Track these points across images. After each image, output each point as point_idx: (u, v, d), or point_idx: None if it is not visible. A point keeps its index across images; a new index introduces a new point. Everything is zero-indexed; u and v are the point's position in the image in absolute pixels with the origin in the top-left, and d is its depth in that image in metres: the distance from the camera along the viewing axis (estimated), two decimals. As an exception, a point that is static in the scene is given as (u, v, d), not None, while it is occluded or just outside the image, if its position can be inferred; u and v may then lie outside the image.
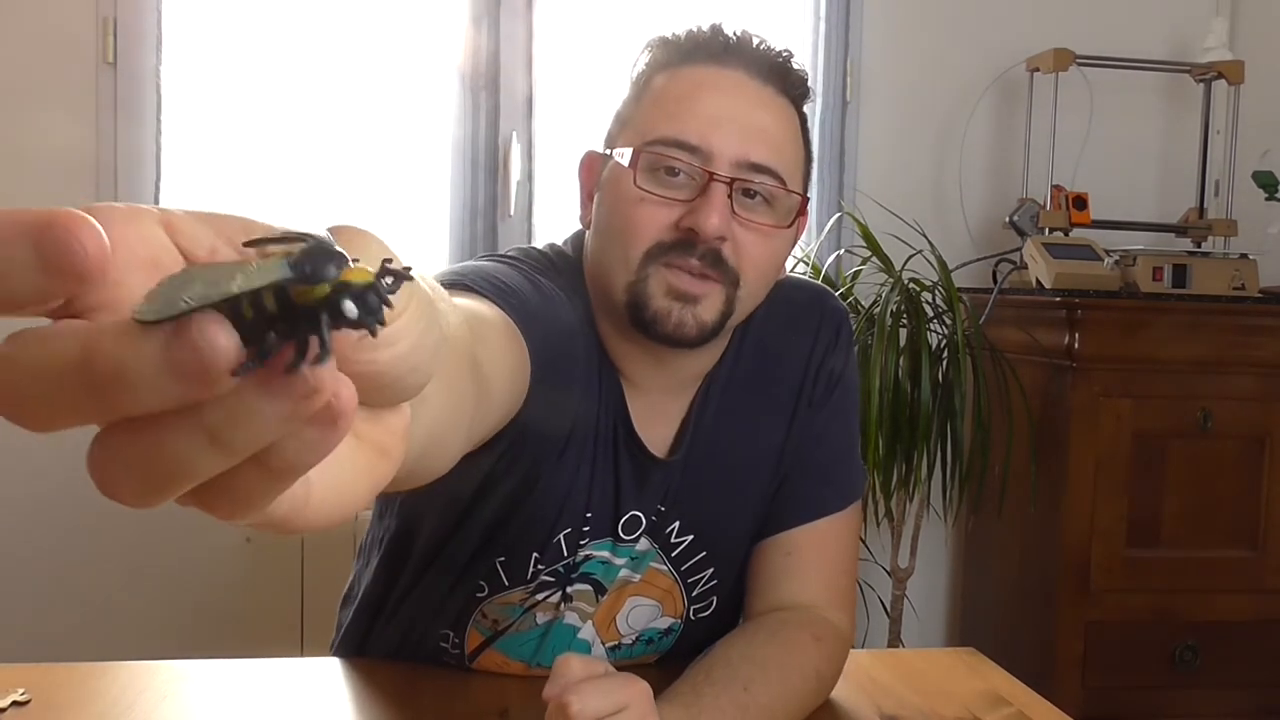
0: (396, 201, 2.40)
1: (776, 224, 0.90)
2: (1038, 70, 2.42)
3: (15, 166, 2.25)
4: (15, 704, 0.91)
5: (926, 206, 2.52)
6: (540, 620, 1.00)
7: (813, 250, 2.42)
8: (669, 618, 1.04)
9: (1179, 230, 2.49)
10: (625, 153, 0.90)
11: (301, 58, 2.35)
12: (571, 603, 1.00)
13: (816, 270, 2.32)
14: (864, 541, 2.39)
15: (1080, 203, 2.38)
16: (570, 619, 1.01)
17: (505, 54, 2.40)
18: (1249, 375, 2.18)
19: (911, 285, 2.18)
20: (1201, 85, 2.49)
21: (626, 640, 1.04)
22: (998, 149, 2.61)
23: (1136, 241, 2.44)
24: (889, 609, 2.29)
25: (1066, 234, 2.36)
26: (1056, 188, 2.41)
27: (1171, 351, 2.15)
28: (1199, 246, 2.43)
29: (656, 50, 0.95)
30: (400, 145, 2.40)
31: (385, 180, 2.39)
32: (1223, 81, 2.42)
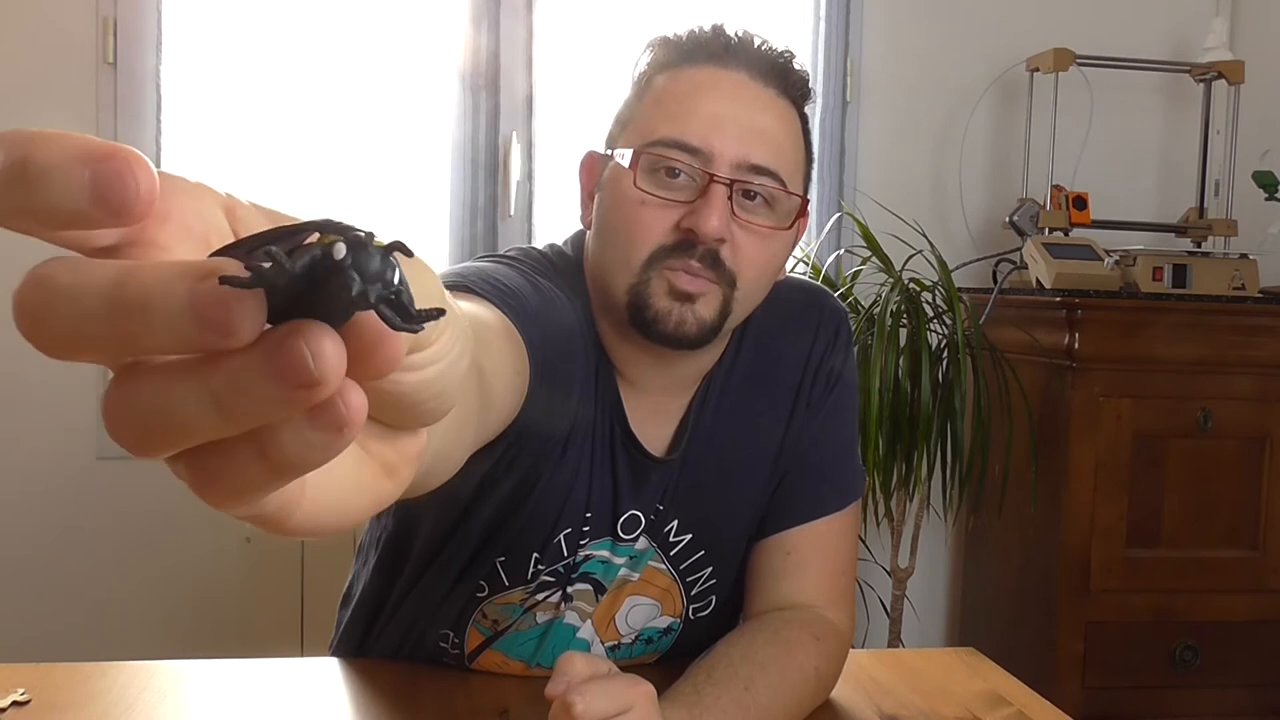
0: (396, 201, 2.40)
1: (776, 226, 0.90)
2: (1038, 70, 2.42)
3: (15, 166, 2.25)
4: (15, 704, 0.91)
5: (926, 206, 2.53)
6: (540, 620, 1.00)
7: (813, 250, 2.43)
8: (668, 617, 1.04)
9: (1179, 230, 2.49)
10: (626, 154, 0.89)
11: (302, 58, 2.35)
12: (571, 602, 1.00)
13: (816, 270, 2.32)
14: (864, 541, 2.39)
15: (1080, 203, 2.38)
16: (570, 619, 1.01)
17: (505, 54, 2.40)
18: (1249, 375, 2.18)
19: (911, 285, 2.18)
20: (1201, 85, 2.49)
21: (626, 640, 1.04)
22: (998, 149, 2.61)
23: (1136, 241, 2.44)
24: (889, 609, 2.29)
25: (1066, 234, 2.37)
26: (1056, 188, 2.41)
27: (1171, 351, 2.15)
28: (1199, 246, 2.43)
29: (657, 50, 0.94)
30: (400, 145, 2.40)
31: (385, 180, 2.39)
32: (1223, 81, 2.42)
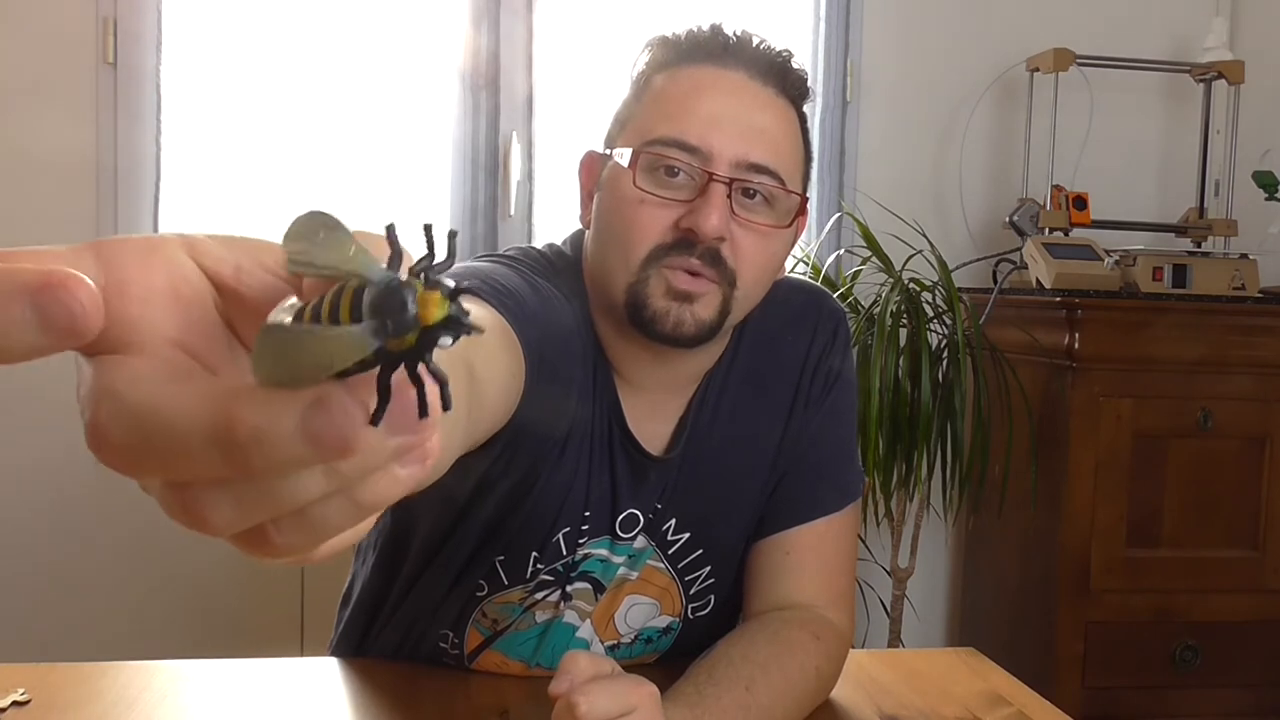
0: (397, 201, 2.40)
1: (775, 224, 0.91)
2: (1038, 70, 2.42)
3: (15, 166, 2.25)
4: (15, 704, 0.91)
5: (926, 206, 2.52)
6: (540, 619, 1.00)
7: (813, 250, 2.42)
8: (667, 616, 1.04)
9: (1179, 230, 2.49)
10: (625, 153, 0.90)
11: (302, 58, 2.35)
12: (571, 601, 1.00)
13: (816, 270, 2.32)
14: (864, 541, 2.39)
15: (1080, 203, 2.38)
16: (569, 618, 1.01)
17: (505, 54, 2.40)
18: (1249, 375, 2.17)
19: (911, 285, 2.18)
20: (1201, 85, 2.49)
21: (625, 639, 1.04)
22: (998, 149, 2.61)
23: (1136, 241, 2.44)
24: (889, 609, 2.29)
25: (1066, 234, 2.36)
26: (1056, 188, 2.41)
27: (1171, 351, 2.15)
28: (1199, 246, 2.43)
29: (656, 50, 0.95)
30: (401, 145, 2.40)
31: (386, 180, 2.39)
32: (1223, 81, 2.42)
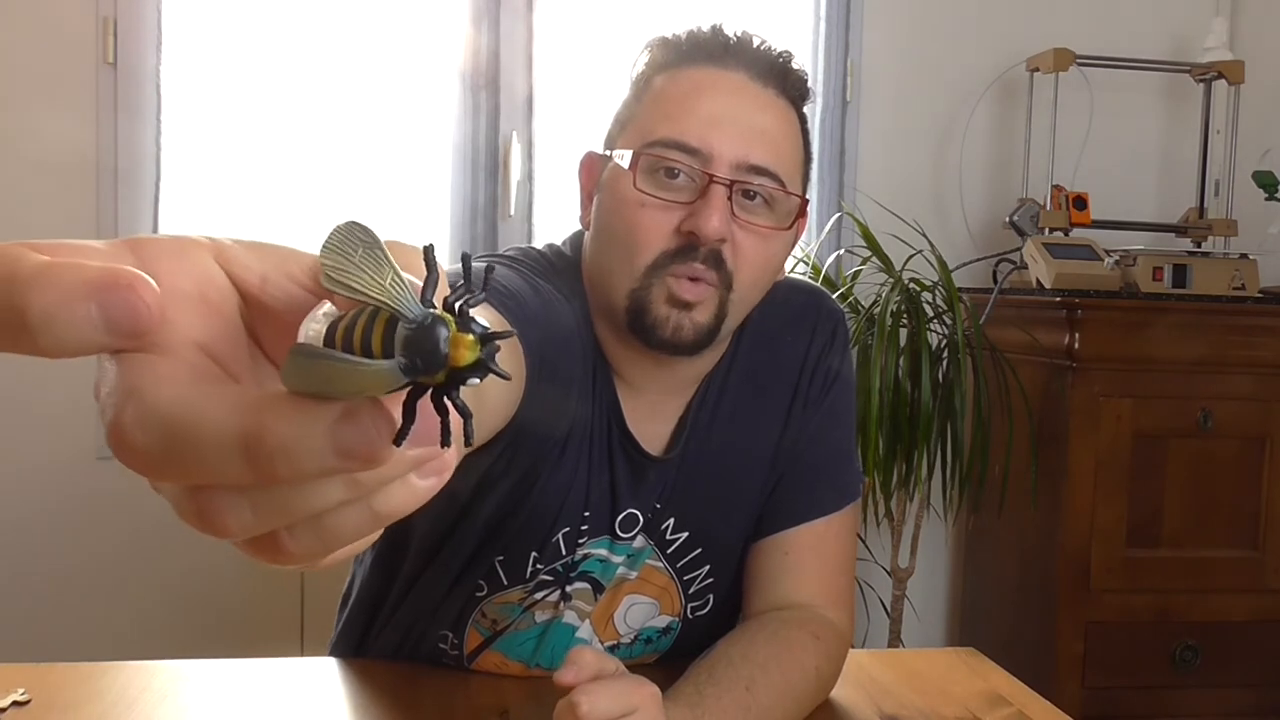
0: (397, 202, 2.40)
1: (776, 226, 0.91)
2: (1038, 70, 2.42)
3: (15, 166, 2.25)
4: (15, 704, 0.91)
5: (926, 206, 2.52)
6: (539, 619, 1.00)
7: (813, 250, 2.42)
8: (667, 616, 1.04)
9: (1179, 230, 2.49)
10: (625, 154, 0.90)
11: (302, 58, 2.35)
12: (570, 601, 1.00)
13: (816, 270, 2.32)
14: (864, 541, 2.39)
15: (1080, 203, 2.38)
16: (569, 618, 1.01)
17: (505, 54, 2.40)
18: (1249, 375, 2.17)
19: (911, 285, 2.18)
20: (1201, 85, 2.49)
21: (625, 640, 1.04)
22: (998, 149, 2.61)
23: (1136, 241, 2.44)
24: (889, 609, 2.29)
25: (1066, 234, 2.36)
26: (1056, 188, 2.41)
27: (1171, 351, 2.15)
28: (1199, 246, 2.43)
29: (656, 50, 0.94)
30: (401, 145, 2.40)
31: (386, 180, 2.39)
32: (1223, 81, 2.42)
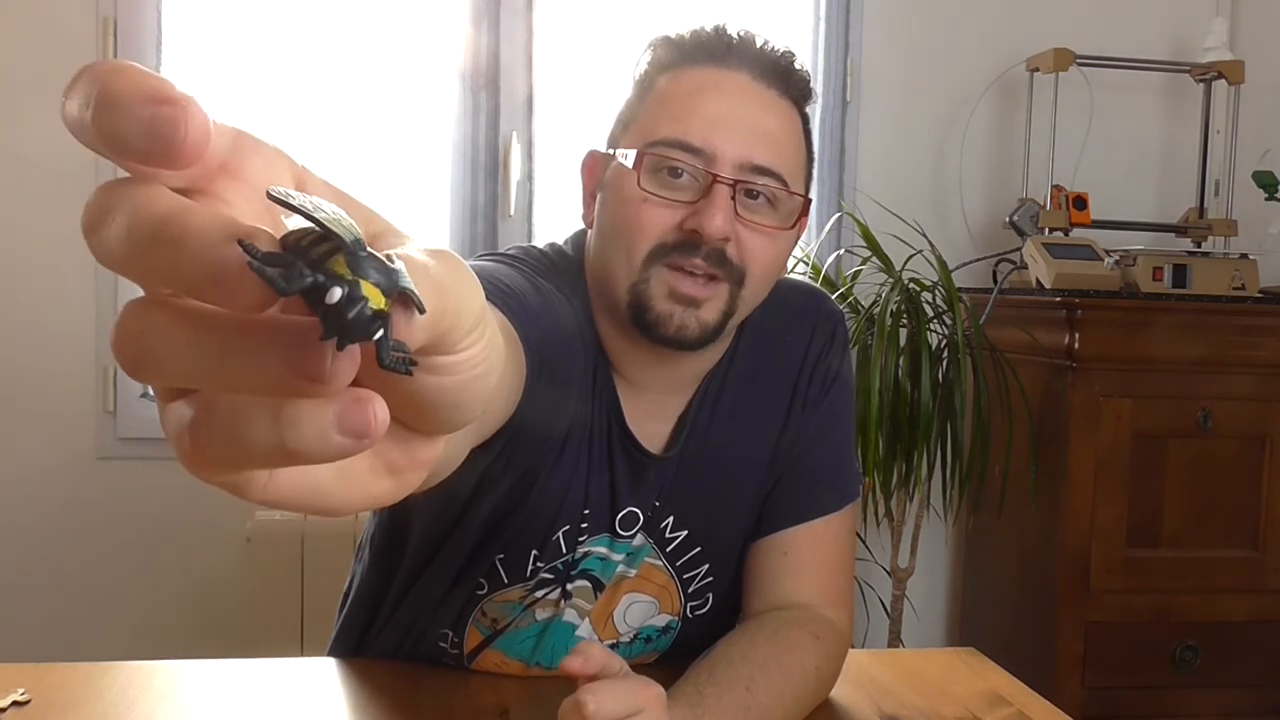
0: (397, 202, 2.40)
1: (779, 225, 0.91)
2: (1038, 70, 2.42)
3: (15, 166, 2.25)
4: (15, 704, 0.91)
5: (926, 206, 2.52)
6: (540, 617, 1.00)
7: (813, 250, 2.42)
8: (666, 615, 1.04)
9: (1179, 230, 2.49)
10: (629, 154, 0.90)
11: (302, 58, 2.35)
12: (571, 600, 1.00)
13: (816, 270, 2.32)
14: (864, 541, 2.39)
15: (1080, 203, 2.38)
16: (569, 616, 1.01)
17: (505, 54, 2.40)
18: (1249, 375, 2.17)
19: (911, 285, 2.18)
20: (1201, 85, 2.49)
21: (625, 638, 1.04)
22: (998, 149, 2.61)
23: (1136, 241, 2.44)
24: (889, 609, 2.29)
25: (1066, 234, 2.36)
26: (1056, 188, 2.41)
27: (1171, 351, 2.15)
28: (1199, 246, 2.43)
29: (659, 50, 0.95)
30: (401, 145, 2.40)
31: (386, 180, 2.39)
32: (1223, 81, 2.42)
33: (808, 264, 2.31)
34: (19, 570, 2.29)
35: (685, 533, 1.01)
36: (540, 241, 1.04)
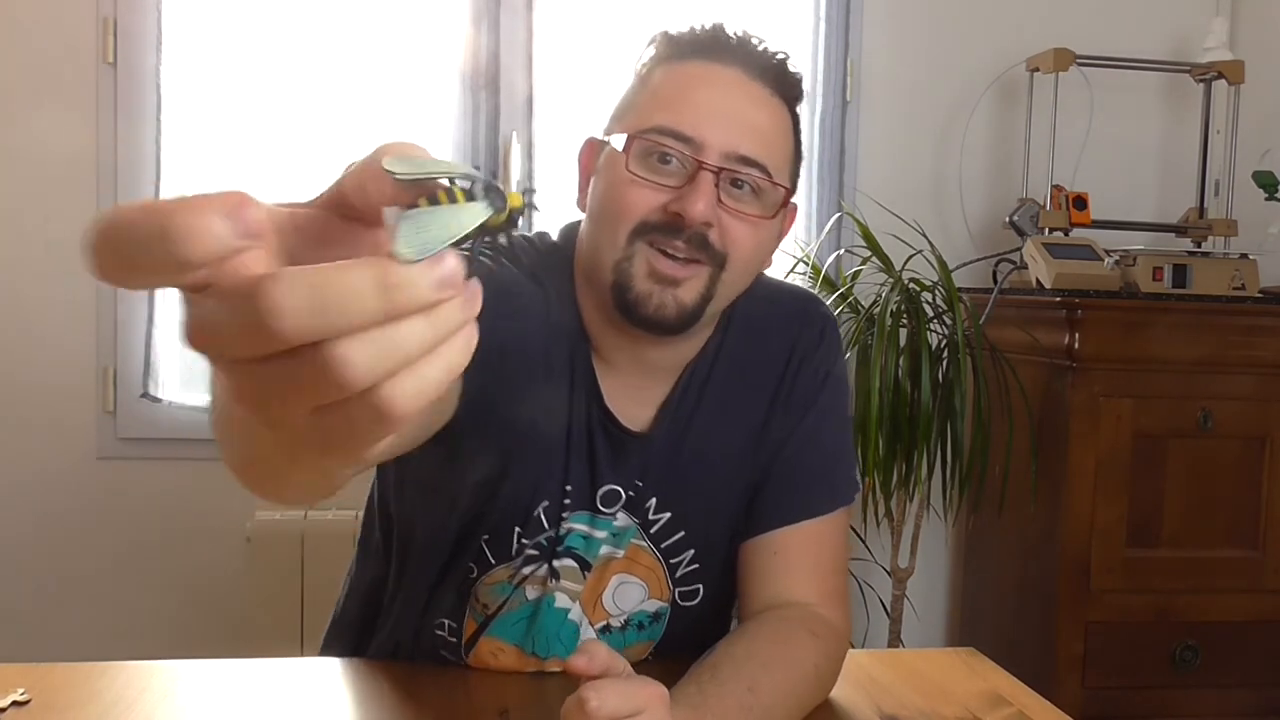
0: (396, 201, 2.40)
1: (762, 214, 0.94)
2: (1038, 70, 2.42)
3: (15, 166, 2.25)
4: (15, 704, 0.91)
5: (926, 206, 2.52)
6: (530, 596, 1.02)
7: (813, 250, 2.42)
8: (656, 600, 1.05)
9: (1179, 230, 2.49)
10: (621, 138, 0.93)
11: (302, 58, 2.35)
12: (558, 579, 1.01)
13: (816, 270, 2.32)
14: (864, 542, 2.40)
15: (1080, 203, 2.38)
16: (560, 600, 1.02)
17: (505, 54, 2.40)
18: (1249, 375, 2.17)
19: (911, 285, 2.18)
20: (1201, 85, 2.49)
21: (615, 622, 1.05)
22: (998, 149, 2.61)
23: (1136, 241, 2.44)
24: (889, 609, 2.29)
25: (1066, 234, 2.36)
26: (1056, 188, 2.41)
27: (1171, 351, 2.15)
28: (1199, 246, 2.43)
29: (659, 45, 0.99)
30: (400, 145, 2.40)
31: (385, 180, 2.39)
32: (1223, 81, 2.42)
33: (808, 264, 2.31)
34: (19, 570, 2.29)
35: (669, 515, 1.02)
36: None
